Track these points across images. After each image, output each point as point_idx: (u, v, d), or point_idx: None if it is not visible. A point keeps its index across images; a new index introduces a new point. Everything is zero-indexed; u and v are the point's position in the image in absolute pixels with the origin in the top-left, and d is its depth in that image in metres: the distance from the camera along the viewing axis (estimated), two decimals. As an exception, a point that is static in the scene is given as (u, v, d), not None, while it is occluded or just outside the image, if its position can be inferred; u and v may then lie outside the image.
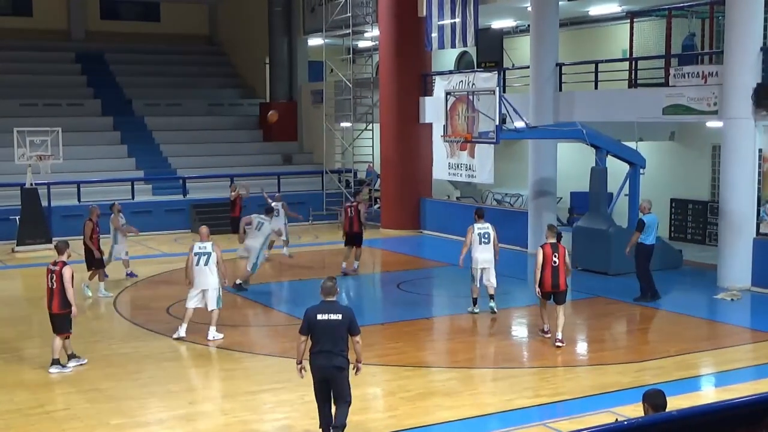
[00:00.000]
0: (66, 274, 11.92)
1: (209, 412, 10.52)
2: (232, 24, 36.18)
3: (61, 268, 12.00)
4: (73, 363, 12.27)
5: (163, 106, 31.95)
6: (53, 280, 12.02)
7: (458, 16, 22.75)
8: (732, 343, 13.57)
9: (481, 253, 15.01)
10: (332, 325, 8.97)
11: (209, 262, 13.40)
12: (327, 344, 8.97)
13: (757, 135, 16.82)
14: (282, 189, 27.67)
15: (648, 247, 15.83)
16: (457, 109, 18.95)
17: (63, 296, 11.96)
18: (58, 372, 12.04)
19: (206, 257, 13.40)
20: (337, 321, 8.99)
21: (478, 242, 15.00)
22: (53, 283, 12.02)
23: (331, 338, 8.97)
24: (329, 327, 8.97)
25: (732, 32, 16.73)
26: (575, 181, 22.34)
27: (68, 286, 11.91)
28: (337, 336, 8.98)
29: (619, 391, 11.02)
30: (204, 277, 13.46)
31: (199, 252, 13.45)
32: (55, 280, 12.00)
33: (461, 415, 10.29)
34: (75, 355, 12.37)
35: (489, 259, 15.05)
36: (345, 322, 9.01)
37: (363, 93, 28.00)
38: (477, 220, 15.28)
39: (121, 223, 18.26)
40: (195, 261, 13.42)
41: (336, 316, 9.01)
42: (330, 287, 9.18)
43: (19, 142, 22.39)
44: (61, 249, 12.27)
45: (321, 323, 8.99)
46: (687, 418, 5.46)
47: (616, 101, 19.96)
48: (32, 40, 33.46)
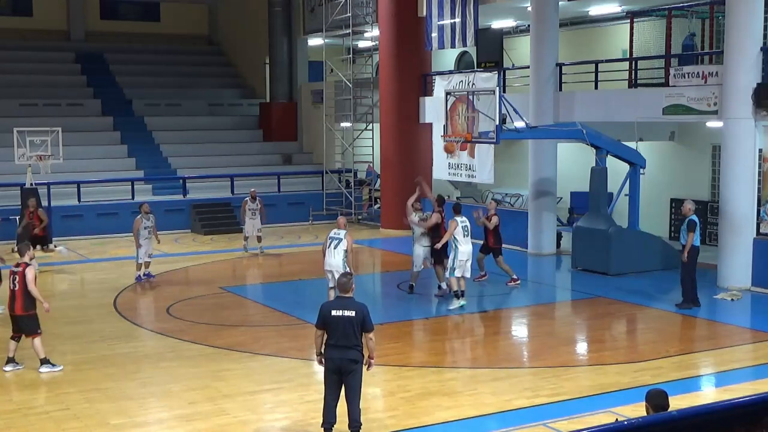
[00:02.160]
0: (29, 275, 11.96)
1: (209, 412, 10.52)
2: (232, 24, 36.19)
3: (24, 269, 12.02)
4: (10, 367, 12.19)
5: (163, 106, 31.95)
6: (15, 282, 12.02)
7: (458, 16, 22.76)
8: (732, 343, 13.56)
9: (465, 245, 15.53)
10: (345, 321, 9.12)
11: (338, 247, 14.68)
12: (341, 339, 9.12)
13: (757, 135, 16.81)
14: (282, 189, 27.76)
15: (697, 249, 15.51)
16: (457, 109, 18.95)
17: (25, 298, 12.00)
18: (48, 371, 12.05)
19: (337, 242, 14.73)
20: (350, 317, 9.13)
21: (462, 235, 15.56)
22: (15, 284, 12.03)
23: (344, 333, 9.11)
24: (342, 323, 9.12)
25: (732, 32, 16.73)
26: (575, 181, 22.35)
27: (31, 286, 11.95)
28: (350, 331, 9.13)
29: (619, 391, 11.02)
30: (330, 258, 14.75)
31: (333, 237, 14.81)
32: (17, 281, 12.00)
33: (461, 415, 10.29)
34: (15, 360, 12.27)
35: (471, 252, 15.70)
36: (358, 319, 9.14)
37: (363, 93, 28.00)
38: (456, 214, 15.78)
39: (144, 225, 18.19)
40: (328, 244, 14.82)
41: (350, 313, 9.14)
42: (345, 283, 9.39)
43: (19, 142, 22.38)
44: (22, 251, 12.40)
45: (335, 319, 9.15)
46: (687, 418, 5.46)
47: (616, 101, 19.96)
48: (32, 40, 33.50)
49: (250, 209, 21.41)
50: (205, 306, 16.42)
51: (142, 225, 18.13)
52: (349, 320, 9.12)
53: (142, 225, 18.13)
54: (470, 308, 15.90)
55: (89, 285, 18.94)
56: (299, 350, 13.10)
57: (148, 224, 18.24)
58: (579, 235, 19.33)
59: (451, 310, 15.44)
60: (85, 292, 18.36)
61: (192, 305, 16.44)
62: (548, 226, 21.40)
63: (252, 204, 21.40)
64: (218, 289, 17.71)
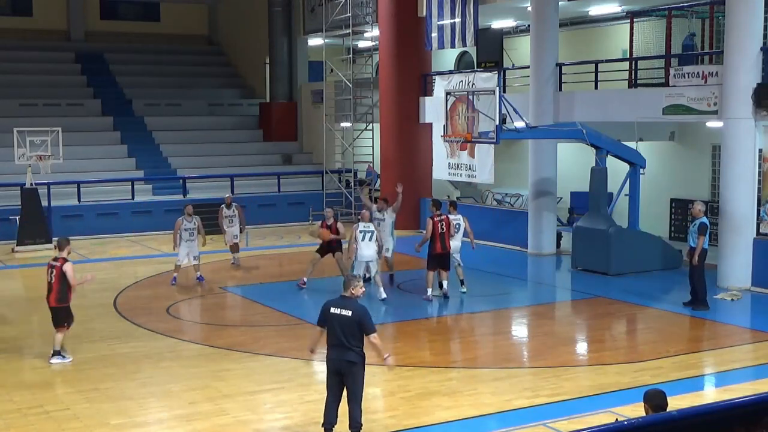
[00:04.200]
0: (68, 271, 12.36)
1: (209, 412, 10.52)
2: (232, 24, 36.18)
3: (62, 264, 12.44)
4: (57, 359, 12.49)
5: (163, 106, 31.95)
6: (52, 275, 12.48)
7: (458, 16, 22.76)
8: (732, 343, 13.56)
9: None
10: (342, 320, 9.12)
11: (372, 239, 15.93)
12: (339, 338, 9.11)
13: (757, 135, 16.81)
14: (282, 189, 27.75)
15: (705, 251, 15.44)
16: (457, 109, 18.95)
17: (59, 291, 12.43)
18: (59, 362, 12.34)
19: (371, 234, 15.97)
20: (346, 317, 9.11)
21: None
22: (52, 277, 12.49)
23: (341, 333, 9.10)
24: (339, 322, 9.13)
25: (732, 32, 16.72)
26: (575, 181, 22.35)
27: (73, 281, 12.45)
28: (347, 331, 9.10)
29: (619, 391, 11.02)
30: (368, 250, 15.93)
31: (365, 230, 15.99)
32: (54, 275, 12.45)
33: (461, 415, 10.29)
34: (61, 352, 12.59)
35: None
36: (354, 319, 9.10)
37: (363, 93, 28.00)
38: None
39: (185, 226, 17.90)
40: (361, 237, 15.88)
41: (347, 312, 9.13)
42: (346, 283, 9.42)
43: (19, 142, 22.38)
44: (62, 245, 12.68)
45: (333, 317, 9.17)
46: (687, 418, 5.47)
47: (616, 101, 19.96)
48: (32, 40, 33.48)
49: (227, 216, 19.79)
50: (205, 306, 16.42)
51: (183, 226, 17.98)
52: (346, 320, 9.10)
53: (183, 226, 17.98)
54: (470, 308, 15.91)
55: (89, 285, 18.88)
56: (299, 350, 13.08)
57: (189, 226, 18.01)
58: (579, 235, 19.32)
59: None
60: (85, 292, 18.28)
61: (192, 305, 16.44)
62: (548, 226, 21.40)
63: (228, 211, 19.84)
64: (218, 289, 17.72)
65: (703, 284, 15.40)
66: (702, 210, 15.46)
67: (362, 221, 16.45)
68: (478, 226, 23.26)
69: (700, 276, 15.34)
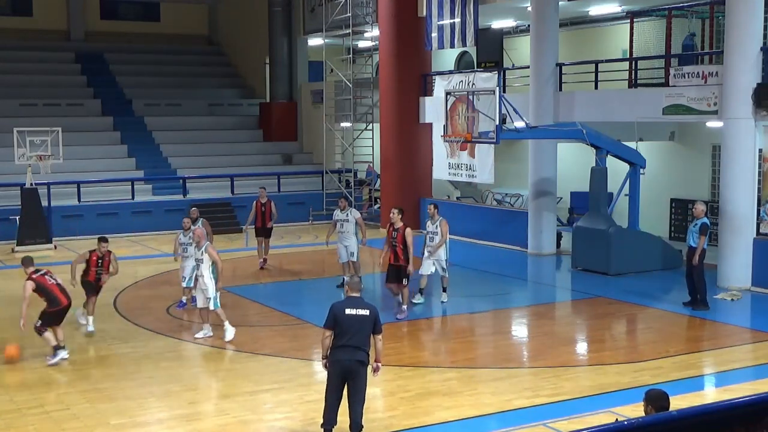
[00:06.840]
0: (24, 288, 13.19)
1: (209, 412, 10.52)
2: (232, 24, 36.18)
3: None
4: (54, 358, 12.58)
5: (163, 106, 31.95)
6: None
7: (458, 16, 22.76)
8: (732, 343, 13.56)
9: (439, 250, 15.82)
10: (360, 320, 9.06)
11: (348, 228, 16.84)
12: (353, 339, 9.00)
13: (757, 135, 16.81)
14: (282, 189, 27.75)
15: (705, 252, 15.39)
16: (457, 109, 18.95)
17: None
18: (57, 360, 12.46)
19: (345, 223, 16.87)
20: (364, 316, 9.07)
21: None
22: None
23: (357, 333, 9.02)
24: (357, 322, 9.05)
25: (732, 32, 16.72)
26: (575, 181, 22.35)
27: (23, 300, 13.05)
28: (363, 331, 9.07)
29: (619, 391, 11.02)
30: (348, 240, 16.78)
31: (339, 219, 16.93)
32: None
33: (461, 415, 10.29)
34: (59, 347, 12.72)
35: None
36: (372, 318, 9.10)
37: (363, 93, 28.01)
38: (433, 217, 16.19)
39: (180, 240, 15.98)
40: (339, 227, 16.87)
41: (364, 312, 9.09)
42: (356, 283, 9.42)
43: (19, 142, 22.39)
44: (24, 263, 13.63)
45: (350, 318, 9.04)
46: (687, 418, 5.46)
47: (616, 101, 19.95)
48: (32, 40, 33.46)
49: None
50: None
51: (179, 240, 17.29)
52: (364, 319, 9.06)
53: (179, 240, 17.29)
54: (470, 308, 15.90)
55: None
56: (299, 350, 13.10)
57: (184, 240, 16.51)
58: (579, 235, 19.32)
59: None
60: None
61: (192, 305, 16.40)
62: (548, 226, 21.40)
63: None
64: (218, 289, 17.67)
65: (703, 284, 15.40)
66: (704, 210, 15.48)
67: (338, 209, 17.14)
68: (479, 226, 23.35)
69: (700, 276, 15.34)
